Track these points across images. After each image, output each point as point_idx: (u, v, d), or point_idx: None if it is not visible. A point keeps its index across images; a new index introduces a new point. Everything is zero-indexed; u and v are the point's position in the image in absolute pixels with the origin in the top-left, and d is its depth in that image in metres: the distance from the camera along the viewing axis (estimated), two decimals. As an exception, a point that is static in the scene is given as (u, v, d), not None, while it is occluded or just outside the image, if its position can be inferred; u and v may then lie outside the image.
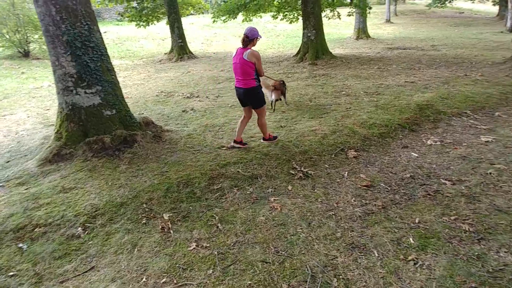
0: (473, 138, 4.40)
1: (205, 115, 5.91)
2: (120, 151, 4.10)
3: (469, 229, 2.43)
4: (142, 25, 15.65)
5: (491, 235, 2.35)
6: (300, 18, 12.22)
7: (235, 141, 4.16)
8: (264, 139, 4.25)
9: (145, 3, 14.89)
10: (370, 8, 14.86)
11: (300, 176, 3.56)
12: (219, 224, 2.84)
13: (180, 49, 14.97)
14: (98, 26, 4.33)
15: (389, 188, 3.22)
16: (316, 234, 2.59)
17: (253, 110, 4.03)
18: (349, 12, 13.51)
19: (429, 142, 4.35)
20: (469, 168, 3.51)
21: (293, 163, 3.81)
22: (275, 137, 4.30)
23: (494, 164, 3.52)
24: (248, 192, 3.32)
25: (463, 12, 34.09)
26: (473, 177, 3.29)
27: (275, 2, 12.92)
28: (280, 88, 5.62)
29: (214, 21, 12.55)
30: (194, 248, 2.54)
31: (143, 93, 8.49)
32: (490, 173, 3.32)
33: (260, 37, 3.65)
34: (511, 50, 11.09)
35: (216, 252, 2.49)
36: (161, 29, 21.11)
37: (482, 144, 4.16)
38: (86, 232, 2.79)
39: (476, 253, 2.17)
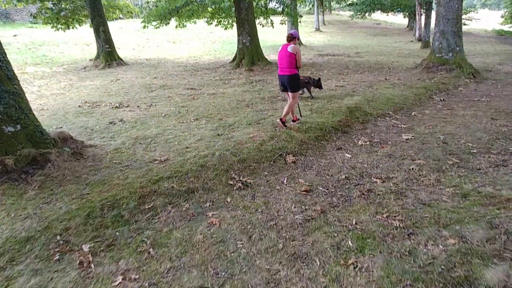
0: (396, 137, 4.78)
1: (136, 126, 5.43)
2: (27, 174, 3.46)
3: (399, 225, 2.54)
4: (61, 28, 14.06)
5: (418, 229, 2.49)
6: (235, 24, 12.25)
7: (293, 120, 5.01)
8: (293, 120, 5.02)
9: (62, 4, 13.40)
10: (301, 16, 15.61)
11: (239, 186, 3.41)
12: (150, 249, 2.53)
13: (108, 55, 13.82)
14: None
15: (327, 191, 3.26)
16: (258, 248, 2.46)
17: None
18: (281, 21, 13.98)
19: (360, 142, 4.58)
20: (395, 165, 3.76)
21: (232, 173, 3.65)
22: (298, 119, 5.11)
23: (415, 160, 3.83)
24: (184, 209, 3.05)
25: (380, 23, 38.24)
26: (399, 174, 3.52)
27: (209, 8, 12.74)
28: (304, 82, 6.44)
29: (144, 27, 11.83)
30: (120, 282, 2.20)
31: (63, 104, 7.53)
32: (413, 168, 3.60)
33: (298, 39, 4.98)
34: (420, 57, 12.66)
35: (147, 284, 2.18)
36: (85, 33, 19.29)
37: (404, 142, 4.54)
38: (-24, 281, 2.23)
39: (408, 249, 2.25)
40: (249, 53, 11.68)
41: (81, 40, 20.01)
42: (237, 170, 3.71)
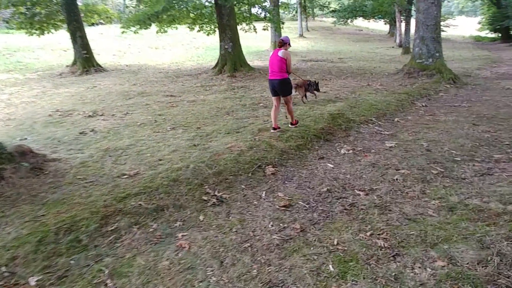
0: (379, 144, 4.64)
1: (108, 137, 5.09)
2: (-25, 194, 3.09)
3: (384, 244, 2.34)
4: (35, 33, 13.48)
5: (404, 249, 2.29)
6: (218, 30, 12.04)
7: (273, 128, 4.87)
8: (291, 124, 5.05)
9: (36, 9, 12.85)
10: (283, 23, 15.56)
11: (214, 202, 3.15)
12: (108, 281, 2.23)
13: (85, 61, 13.35)
14: None
15: (307, 206, 3.04)
16: (229, 275, 2.20)
17: (281, 99, 4.86)
18: (264, 26, 13.89)
19: (342, 151, 4.42)
20: (379, 175, 3.60)
21: (206, 187, 3.38)
22: (297, 121, 5.14)
23: (399, 170, 3.68)
24: (151, 230, 2.77)
25: (362, 30, 38.97)
26: (382, 185, 3.34)
27: (190, 14, 12.50)
28: (302, 86, 6.65)
29: (123, 32, 11.46)
30: (67, 324, 1.89)
31: (32, 113, 7.09)
32: (397, 179, 3.44)
33: (290, 45, 4.72)
34: (401, 62, 12.79)
35: (99, 325, 1.89)
36: (63, 38, 18.66)
37: (387, 149, 4.40)
38: None
39: (394, 273, 2.05)
40: (232, 59, 11.48)
41: (58, 45, 19.34)
42: (212, 184, 3.45)
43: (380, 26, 38.44)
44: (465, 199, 2.86)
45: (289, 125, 5.04)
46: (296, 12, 33.84)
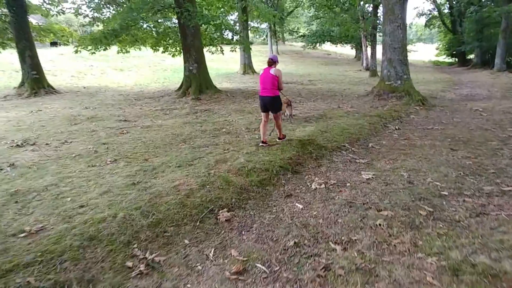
0: (355, 175, 4.03)
1: (26, 174, 4.08)
2: None
3: None
4: (-23, 52, 12.13)
5: None
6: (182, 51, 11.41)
7: (263, 142, 4.94)
8: (279, 138, 5.13)
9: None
10: (252, 43, 15.28)
11: (141, 270, 2.29)
12: None
13: (35, 82, 12.12)
14: None
15: (267, 271, 2.27)
16: None
17: (270, 115, 5.02)
18: (231, 48, 13.49)
19: (313, 185, 3.74)
20: (358, 219, 2.92)
21: (135, 246, 2.52)
22: (284, 136, 5.22)
23: (381, 211, 3.03)
24: (35, 327, 1.85)
25: (330, 54, 40.37)
26: (363, 234, 2.66)
27: (153, 34, 11.83)
28: (286, 103, 6.49)
29: (76, 52, 10.51)
30: None
31: None
32: (380, 224, 2.77)
33: (278, 63, 4.90)
34: (370, 84, 12.79)
35: None
36: (16, 58, 17.24)
37: (364, 182, 3.78)
38: None
39: None
40: (196, 81, 10.82)
41: (10, 66, 17.84)
42: (144, 241, 2.59)
43: (347, 50, 40.06)
44: (469, 255, 2.23)
45: (277, 140, 5.12)
46: (267, 36, 34.43)
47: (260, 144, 4.93)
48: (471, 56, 25.82)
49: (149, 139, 5.67)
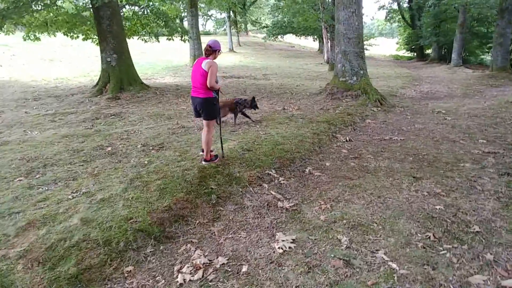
0: (265, 243, 2.44)
1: None
2: None
3: None
4: None
5: None
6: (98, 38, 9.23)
7: (204, 160, 3.70)
8: (205, 160, 3.69)
9: None
10: (188, 34, 13.22)
11: None
12: None
13: None
14: None
15: None
16: None
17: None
18: (167, 38, 11.48)
19: (184, 269, 2.09)
20: None
21: None
22: (216, 156, 3.82)
23: None
24: None
25: (294, 46, 39.19)
26: None
27: (59, 18, 9.48)
28: (228, 106, 5.44)
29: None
30: None
31: None
32: None
33: (221, 51, 3.64)
34: (327, 79, 11.42)
35: None
36: None
37: (274, 263, 2.19)
38: None
39: None
40: (116, 76, 8.74)
41: None
42: None
43: (312, 43, 39.09)
44: None
45: (202, 162, 3.68)
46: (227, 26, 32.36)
47: (202, 161, 3.70)
48: (429, 51, 25.74)
49: (-19, 167, 3.71)
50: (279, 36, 31.25)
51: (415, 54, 27.93)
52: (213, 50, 3.51)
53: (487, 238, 2.33)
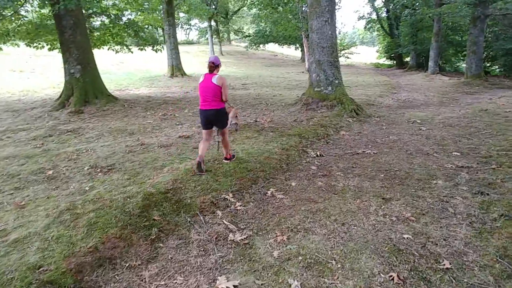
0: (205, 285, 2.06)
1: None
2: None
3: None
4: None
5: None
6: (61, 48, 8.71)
7: (198, 168, 3.79)
8: (226, 158, 4.20)
9: None
10: (160, 44, 12.81)
11: None
12: None
13: None
14: None
15: None
16: None
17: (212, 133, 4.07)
18: (139, 48, 11.06)
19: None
20: None
21: None
22: (233, 156, 4.29)
23: None
24: None
25: (277, 55, 39.33)
26: None
27: (20, 28, 8.94)
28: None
29: None
30: None
31: None
32: None
33: (220, 65, 3.96)
34: (306, 89, 11.26)
35: None
36: None
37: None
38: None
39: None
40: (80, 88, 8.24)
41: None
42: None
43: (294, 52, 39.36)
44: None
45: (224, 160, 4.18)
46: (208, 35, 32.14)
47: (196, 170, 3.78)
48: (408, 59, 26.23)
49: None
50: (261, 45, 31.29)
51: (395, 62, 28.41)
52: (215, 66, 3.84)
53: (458, 278, 2.03)
